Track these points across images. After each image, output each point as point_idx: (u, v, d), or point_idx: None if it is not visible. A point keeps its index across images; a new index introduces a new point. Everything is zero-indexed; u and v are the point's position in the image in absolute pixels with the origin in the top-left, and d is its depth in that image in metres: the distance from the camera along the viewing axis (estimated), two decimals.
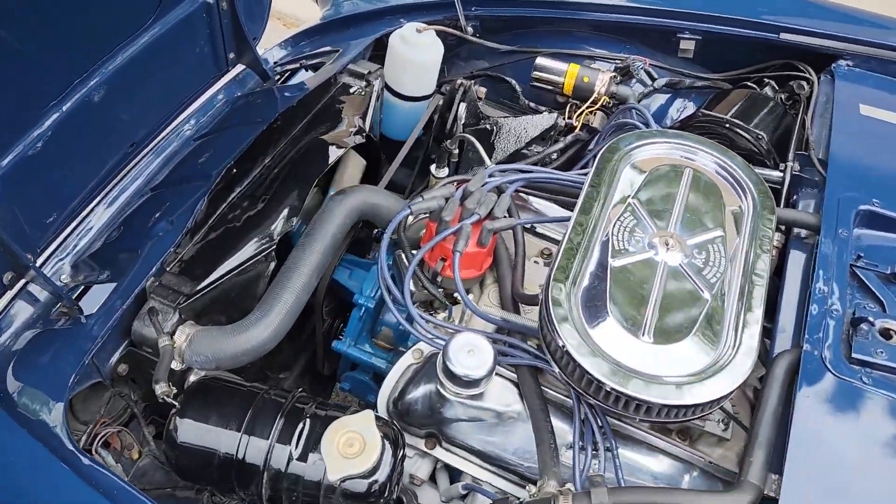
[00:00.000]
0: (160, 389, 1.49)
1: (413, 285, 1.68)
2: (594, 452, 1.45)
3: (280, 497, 1.48)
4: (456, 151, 2.25)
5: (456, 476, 1.65)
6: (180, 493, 1.65)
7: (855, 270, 1.60)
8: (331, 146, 1.98)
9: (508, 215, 1.71)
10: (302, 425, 1.48)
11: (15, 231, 1.49)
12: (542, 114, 2.37)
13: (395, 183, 2.35)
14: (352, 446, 1.40)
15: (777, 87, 2.29)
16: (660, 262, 1.49)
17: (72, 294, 1.60)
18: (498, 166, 1.84)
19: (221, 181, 1.79)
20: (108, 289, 1.60)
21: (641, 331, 1.38)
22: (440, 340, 1.57)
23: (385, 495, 1.45)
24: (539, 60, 2.37)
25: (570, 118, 2.32)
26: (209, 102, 2.06)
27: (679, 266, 1.49)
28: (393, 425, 1.54)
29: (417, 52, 2.23)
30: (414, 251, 1.71)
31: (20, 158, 1.49)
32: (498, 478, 1.58)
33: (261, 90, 2.15)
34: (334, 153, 1.97)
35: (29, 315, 1.57)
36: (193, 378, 1.61)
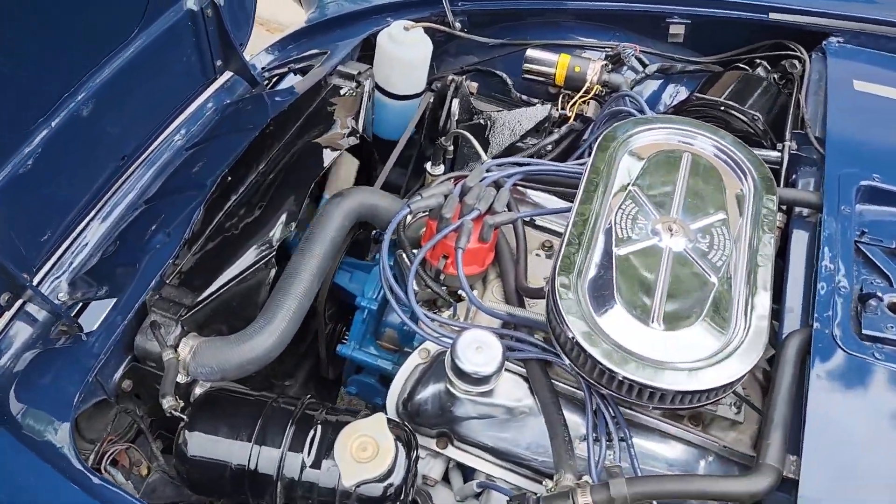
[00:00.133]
0: (168, 403, 1.48)
1: (416, 284, 1.66)
2: (608, 443, 1.44)
3: None
4: (451, 148, 2.23)
5: (469, 475, 1.64)
6: None
7: (860, 246, 1.59)
8: (325, 149, 1.97)
9: (508, 209, 1.70)
10: (313, 432, 1.47)
11: (10, 251, 1.47)
12: (536, 106, 2.36)
13: (390, 183, 2.32)
14: (365, 450, 1.39)
15: (769, 68, 2.28)
16: (664, 249, 1.48)
17: (70, 312, 1.58)
18: (495, 161, 1.83)
19: (217, 190, 1.77)
20: (108, 305, 1.58)
21: (650, 318, 1.37)
22: (447, 339, 1.55)
23: (401, 498, 1.43)
24: (529, 52, 2.36)
25: (564, 109, 2.31)
26: (199, 111, 2.04)
27: (684, 251, 1.48)
28: (405, 427, 1.53)
29: (406, 51, 2.21)
30: (415, 250, 1.70)
31: (11, 177, 1.47)
32: (512, 474, 1.56)
33: (250, 96, 2.14)
34: (329, 156, 1.96)
35: (28, 335, 1.55)
36: (199, 390, 1.59)
